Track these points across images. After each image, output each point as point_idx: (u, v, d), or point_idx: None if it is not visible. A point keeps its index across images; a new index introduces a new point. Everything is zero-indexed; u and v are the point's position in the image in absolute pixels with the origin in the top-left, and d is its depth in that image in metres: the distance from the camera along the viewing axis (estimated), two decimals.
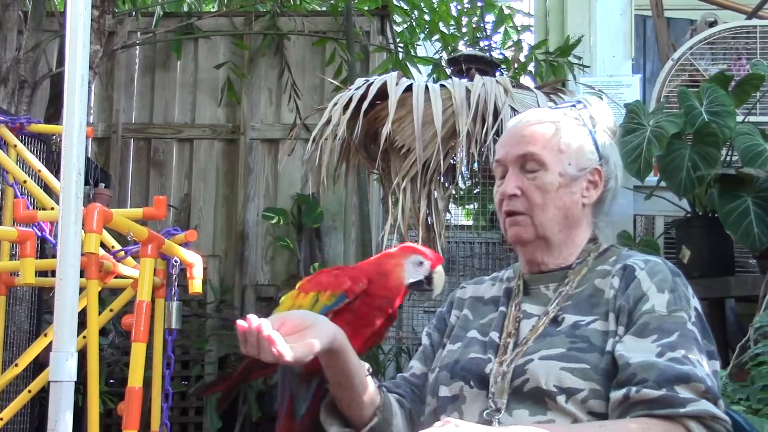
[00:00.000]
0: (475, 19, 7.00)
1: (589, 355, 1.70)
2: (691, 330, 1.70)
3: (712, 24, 5.15)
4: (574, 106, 1.96)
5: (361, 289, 1.71)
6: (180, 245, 3.59)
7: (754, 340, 3.34)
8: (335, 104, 3.94)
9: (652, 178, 4.18)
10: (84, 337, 3.03)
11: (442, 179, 3.95)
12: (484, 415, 1.74)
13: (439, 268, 1.78)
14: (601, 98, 4.42)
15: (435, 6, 7.21)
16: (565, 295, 1.83)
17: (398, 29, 7.18)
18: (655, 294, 1.76)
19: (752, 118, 4.36)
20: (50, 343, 2.34)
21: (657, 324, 1.71)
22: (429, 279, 1.79)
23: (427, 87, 3.88)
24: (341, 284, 1.71)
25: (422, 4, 7.16)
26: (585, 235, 1.92)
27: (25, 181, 3.88)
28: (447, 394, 1.82)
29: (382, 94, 3.87)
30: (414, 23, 7.24)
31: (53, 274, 2.43)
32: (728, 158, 4.15)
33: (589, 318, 1.77)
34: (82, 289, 2.63)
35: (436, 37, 7.14)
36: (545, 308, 1.83)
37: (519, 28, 7.13)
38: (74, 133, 2.29)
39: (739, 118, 4.14)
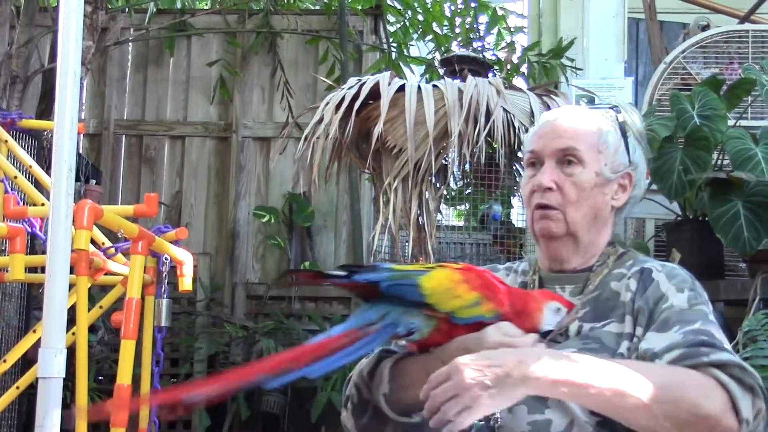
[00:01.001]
0: (469, 19, 7.00)
1: (599, 356, 1.68)
2: (713, 321, 1.70)
3: (704, 28, 5.16)
4: (610, 109, 1.96)
5: (507, 317, 1.68)
6: (170, 243, 3.58)
7: (743, 344, 3.35)
8: (327, 103, 3.93)
9: (646, 183, 4.19)
10: (73, 333, 3.03)
11: (433, 180, 3.96)
12: None
13: (572, 313, 1.77)
14: (594, 100, 4.44)
15: (428, 6, 7.21)
16: (584, 299, 1.82)
17: (391, 29, 7.18)
18: (675, 293, 1.76)
19: (743, 122, 4.37)
20: (39, 339, 2.34)
21: (678, 317, 1.70)
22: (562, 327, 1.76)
23: (419, 87, 3.88)
24: (503, 304, 1.67)
25: (416, 4, 7.16)
26: (607, 237, 1.93)
27: (15, 177, 3.87)
28: None
29: (375, 93, 3.87)
30: (407, 23, 7.24)
31: (43, 270, 2.42)
32: (719, 162, 4.16)
33: (604, 321, 1.77)
34: (71, 286, 2.62)
35: (430, 37, 7.14)
36: None
37: (512, 30, 7.14)
38: (65, 128, 2.28)
39: (731, 122, 4.15)
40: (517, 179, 4.25)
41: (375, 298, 1.66)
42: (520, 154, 4.12)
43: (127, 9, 6.54)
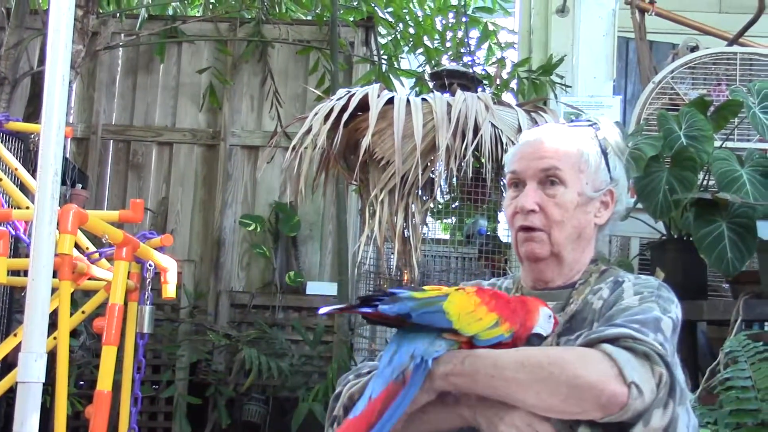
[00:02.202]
0: (460, 34, 7.02)
1: None
2: (656, 316, 1.70)
3: (693, 49, 5.18)
4: (589, 126, 1.97)
5: (518, 333, 1.71)
6: (155, 249, 3.57)
7: (724, 365, 3.35)
8: (316, 114, 3.94)
9: (628, 200, 4.19)
10: (54, 338, 3.01)
11: (420, 192, 3.96)
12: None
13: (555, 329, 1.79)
14: (578, 117, 4.44)
15: (420, 20, 7.24)
16: (565, 317, 1.83)
17: (382, 41, 7.19)
18: (631, 296, 1.77)
19: (730, 144, 4.39)
20: (20, 343, 2.32)
21: (621, 313, 1.72)
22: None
23: (408, 100, 3.88)
24: (515, 322, 1.69)
25: (407, 18, 7.18)
26: (590, 254, 1.94)
27: (0, 179, 3.85)
28: None
29: (364, 105, 3.88)
30: (398, 36, 7.26)
31: (26, 273, 2.41)
32: (705, 183, 4.17)
33: (578, 333, 1.77)
34: (54, 290, 2.61)
35: (420, 50, 7.17)
36: None
37: (503, 45, 7.16)
38: (52, 132, 2.28)
39: (717, 143, 4.16)
40: (504, 194, 4.26)
41: (393, 327, 1.68)
42: None
43: (118, 14, 6.53)
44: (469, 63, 6.66)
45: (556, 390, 1.59)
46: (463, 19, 6.97)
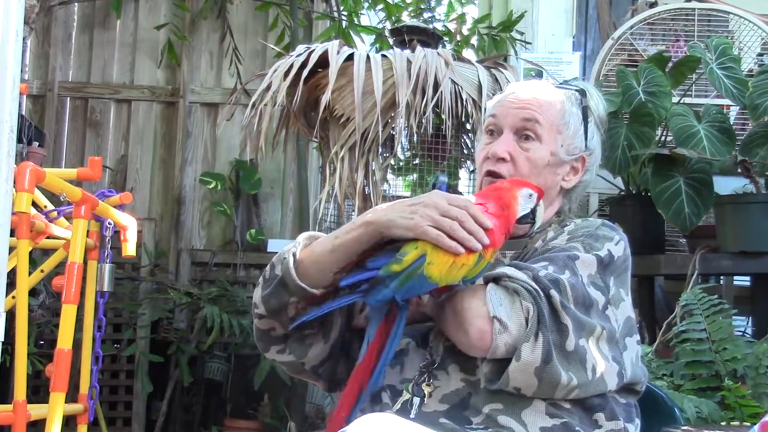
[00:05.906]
0: None
1: None
2: (570, 255, 1.74)
3: (652, 5, 5.19)
4: (577, 92, 2.00)
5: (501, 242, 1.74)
6: (115, 207, 3.56)
7: (680, 318, 3.41)
8: (276, 70, 3.92)
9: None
10: (13, 297, 3.00)
11: (380, 149, 3.96)
12: (421, 366, 1.79)
13: (542, 202, 1.80)
14: (541, 75, 4.46)
15: None
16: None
17: None
18: (564, 236, 1.82)
19: (687, 100, 4.42)
20: None
21: (547, 254, 1.77)
22: (533, 212, 1.79)
23: (368, 56, 3.87)
24: (497, 239, 1.70)
25: None
26: (552, 213, 1.98)
27: None
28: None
29: (323, 62, 3.86)
30: None
31: None
32: (663, 138, 4.21)
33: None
34: (12, 249, 2.59)
35: (380, 6, 7.12)
36: None
37: (463, 1, 7.12)
38: (7, 88, 2.25)
39: (675, 99, 4.19)
40: (464, 151, 4.28)
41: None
42: (468, 126, 4.15)
43: None
44: (430, 19, 6.64)
45: (449, 321, 1.70)
46: None
